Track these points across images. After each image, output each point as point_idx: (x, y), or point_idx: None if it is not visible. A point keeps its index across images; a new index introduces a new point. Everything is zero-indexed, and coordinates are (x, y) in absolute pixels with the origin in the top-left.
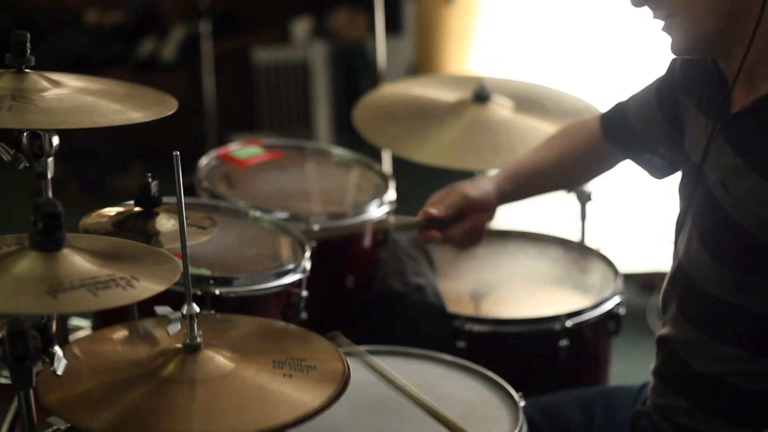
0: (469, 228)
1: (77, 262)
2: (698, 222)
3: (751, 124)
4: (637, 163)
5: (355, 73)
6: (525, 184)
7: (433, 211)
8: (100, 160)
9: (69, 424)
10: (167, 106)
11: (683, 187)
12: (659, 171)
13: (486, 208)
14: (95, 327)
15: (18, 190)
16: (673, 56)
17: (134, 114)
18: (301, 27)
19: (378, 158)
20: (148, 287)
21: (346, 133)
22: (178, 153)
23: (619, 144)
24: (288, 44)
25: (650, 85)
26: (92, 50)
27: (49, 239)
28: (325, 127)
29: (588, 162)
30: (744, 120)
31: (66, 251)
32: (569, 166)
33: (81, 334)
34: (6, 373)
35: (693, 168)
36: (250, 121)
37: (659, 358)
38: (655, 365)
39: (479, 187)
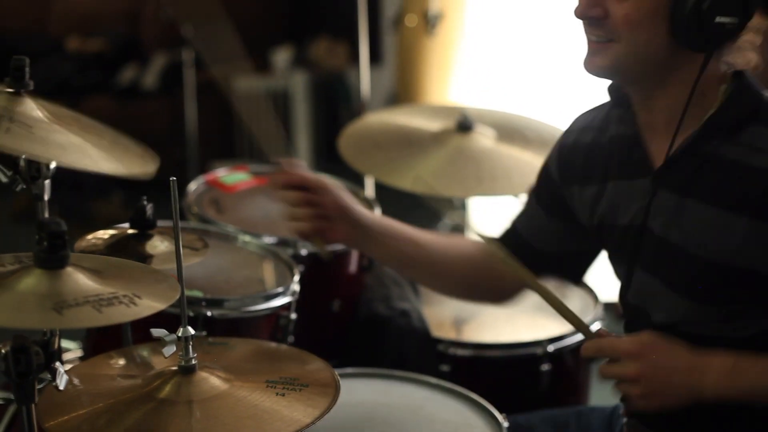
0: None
1: (80, 279)
2: (662, 274)
3: (691, 162)
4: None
5: (335, 103)
6: (394, 243)
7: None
8: (81, 186)
9: None
10: (148, 165)
11: (620, 254)
12: (575, 273)
13: (346, 208)
14: (86, 348)
15: (5, 213)
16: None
17: (118, 166)
18: (281, 56)
19: (360, 185)
20: (149, 305)
21: (326, 161)
22: (175, 179)
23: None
24: (268, 73)
25: (527, 204)
26: (73, 77)
27: (53, 257)
28: (305, 155)
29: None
30: (682, 163)
31: (69, 269)
32: (450, 261)
33: (70, 355)
34: None
35: (629, 230)
36: (231, 149)
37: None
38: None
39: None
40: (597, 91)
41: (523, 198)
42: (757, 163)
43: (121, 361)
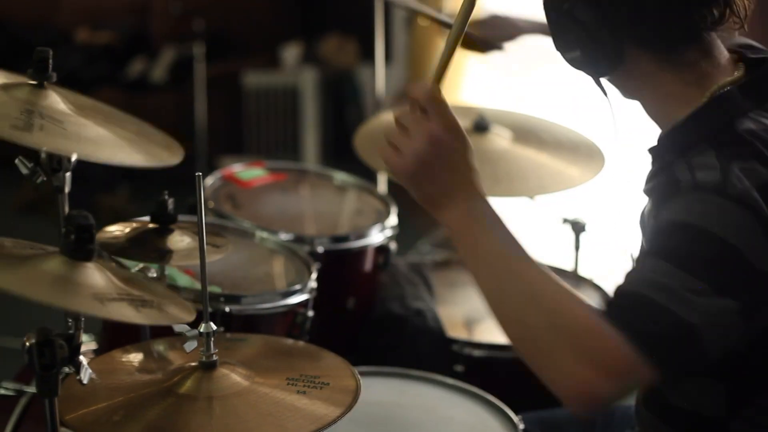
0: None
1: (107, 276)
2: None
3: (655, 174)
4: None
5: (343, 100)
6: None
7: None
8: (87, 179)
9: None
10: (175, 153)
11: None
12: None
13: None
14: (101, 341)
15: (5, 208)
16: None
17: (149, 157)
18: (291, 53)
19: (371, 180)
20: (178, 315)
21: (334, 158)
22: (200, 174)
23: None
24: (278, 69)
25: None
26: (81, 69)
27: (81, 249)
28: (312, 152)
29: None
30: (655, 175)
31: (92, 265)
32: None
33: (83, 348)
34: (7, 384)
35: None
36: (239, 145)
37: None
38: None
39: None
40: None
41: (539, 200)
42: (679, 170)
43: (138, 356)
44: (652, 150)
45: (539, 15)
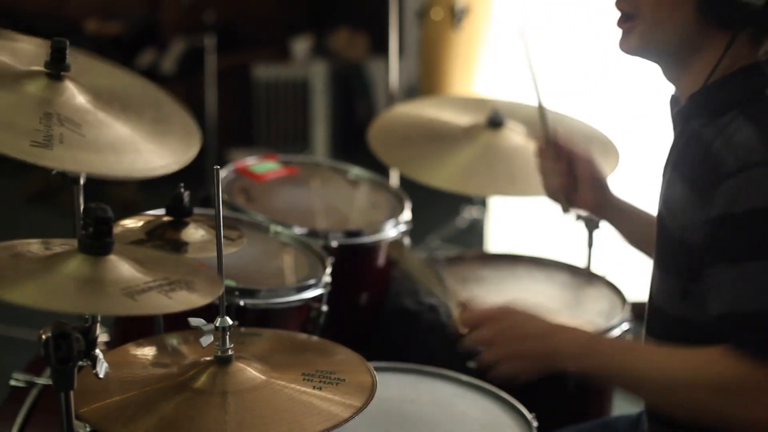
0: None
1: (129, 266)
2: (655, 241)
3: (681, 139)
4: None
5: (353, 94)
6: (633, 213)
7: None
8: None
9: (90, 429)
10: (192, 143)
11: None
12: None
13: (599, 180)
14: (115, 334)
15: (15, 198)
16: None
17: (169, 161)
18: (301, 45)
19: (383, 175)
20: (209, 289)
21: (343, 152)
22: (218, 167)
23: None
24: (288, 62)
25: None
26: None
27: (100, 244)
28: (322, 145)
29: None
30: (679, 138)
31: (113, 257)
32: None
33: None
34: (18, 375)
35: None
36: (249, 137)
37: None
38: None
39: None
40: (628, 85)
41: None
42: (716, 146)
43: (152, 349)
44: (678, 113)
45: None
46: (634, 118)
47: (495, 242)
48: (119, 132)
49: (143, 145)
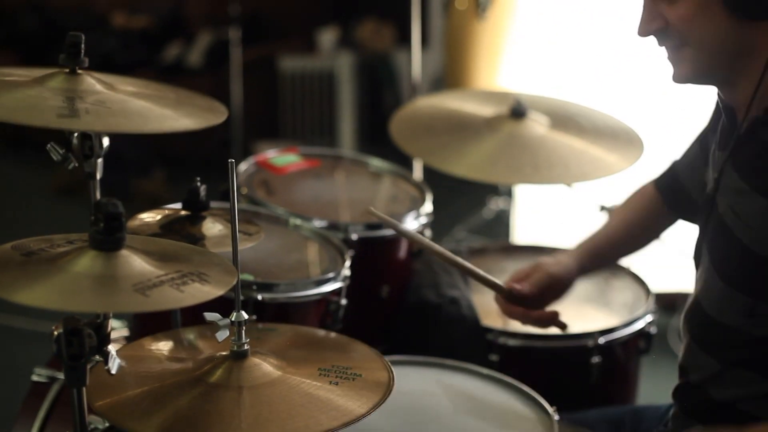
0: (544, 315)
1: (141, 261)
2: (711, 250)
3: (751, 147)
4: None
5: (380, 84)
6: (601, 255)
7: (518, 287)
8: (123, 163)
9: (108, 424)
10: (219, 112)
11: (700, 220)
12: None
13: (567, 285)
14: (134, 329)
15: (44, 190)
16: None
17: (197, 120)
18: (327, 37)
19: (407, 166)
20: (223, 279)
21: (369, 143)
22: (233, 161)
23: (680, 211)
24: (314, 53)
25: (695, 139)
26: (118, 53)
27: (110, 239)
28: (348, 137)
29: (650, 227)
30: (745, 144)
31: (125, 251)
32: (636, 236)
33: (115, 334)
34: (40, 371)
35: (707, 199)
36: (275, 129)
37: (678, 385)
38: (674, 390)
39: (562, 264)
40: (648, 76)
41: (577, 187)
42: None
43: (168, 344)
44: (752, 123)
45: None
46: (661, 110)
47: (521, 233)
48: (143, 105)
49: (169, 112)
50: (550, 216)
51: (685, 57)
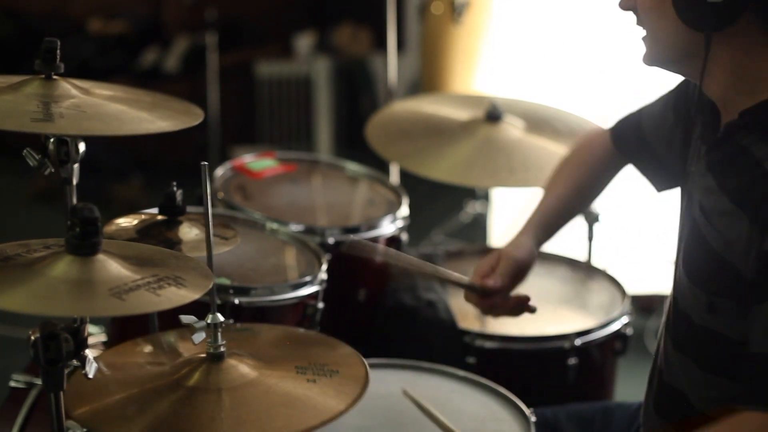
0: (515, 302)
1: (118, 265)
2: (682, 244)
3: (725, 148)
4: (643, 172)
5: (357, 89)
6: (555, 224)
7: (491, 282)
8: (99, 168)
9: (86, 429)
10: (195, 114)
11: (680, 210)
12: (662, 182)
13: (531, 265)
14: (111, 334)
15: (19, 196)
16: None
17: (174, 122)
18: (303, 42)
19: (384, 171)
20: (199, 283)
21: (346, 148)
22: (206, 163)
23: (632, 155)
24: (291, 59)
25: (664, 98)
26: (94, 59)
27: (86, 243)
28: (325, 142)
29: (601, 180)
30: (721, 145)
31: (101, 256)
32: (587, 192)
33: (93, 340)
34: (17, 377)
35: (685, 188)
36: (252, 134)
37: (650, 386)
38: (646, 392)
39: (522, 246)
40: (624, 80)
41: None
42: None
43: (148, 348)
44: (728, 127)
45: None
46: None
47: (498, 237)
48: (119, 108)
49: (145, 115)
50: (526, 219)
51: (645, 42)
